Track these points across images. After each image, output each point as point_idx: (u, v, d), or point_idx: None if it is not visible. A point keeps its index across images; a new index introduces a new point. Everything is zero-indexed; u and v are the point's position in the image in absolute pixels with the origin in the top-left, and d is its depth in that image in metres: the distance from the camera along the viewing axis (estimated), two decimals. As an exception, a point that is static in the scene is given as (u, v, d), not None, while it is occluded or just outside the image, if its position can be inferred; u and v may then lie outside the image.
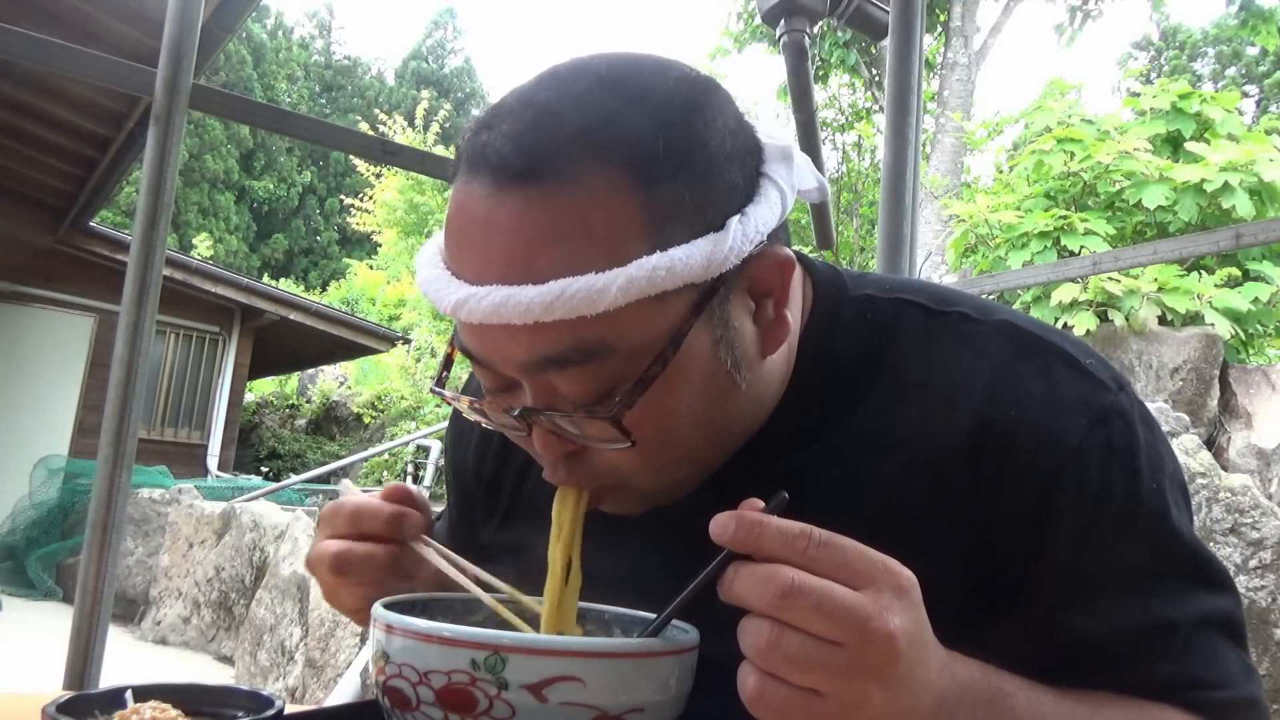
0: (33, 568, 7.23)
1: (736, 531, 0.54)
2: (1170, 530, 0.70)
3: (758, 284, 0.68)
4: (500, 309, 0.60)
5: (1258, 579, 3.10)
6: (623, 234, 0.61)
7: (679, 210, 0.62)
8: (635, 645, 0.59)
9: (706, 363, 0.66)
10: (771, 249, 0.67)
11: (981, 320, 0.75)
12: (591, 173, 0.60)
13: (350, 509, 0.74)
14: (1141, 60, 25.44)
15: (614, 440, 0.65)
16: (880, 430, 0.73)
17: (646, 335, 0.62)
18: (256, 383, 14.54)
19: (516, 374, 0.65)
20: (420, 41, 39.47)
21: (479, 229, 0.63)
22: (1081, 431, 0.69)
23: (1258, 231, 2.91)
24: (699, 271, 0.61)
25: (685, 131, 0.63)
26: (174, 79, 2.25)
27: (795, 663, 0.51)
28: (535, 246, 0.60)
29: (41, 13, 4.61)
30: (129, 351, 2.16)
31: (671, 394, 0.65)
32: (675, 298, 0.62)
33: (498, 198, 0.62)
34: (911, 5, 2.74)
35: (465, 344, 0.68)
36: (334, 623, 4.33)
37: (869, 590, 0.53)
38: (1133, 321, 5.39)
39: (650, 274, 0.59)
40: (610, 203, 0.61)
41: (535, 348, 0.62)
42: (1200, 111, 6.72)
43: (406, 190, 12.92)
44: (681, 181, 0.62)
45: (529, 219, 0.61)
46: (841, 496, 0.72)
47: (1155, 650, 0.68)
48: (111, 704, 0.64)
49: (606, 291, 0.59)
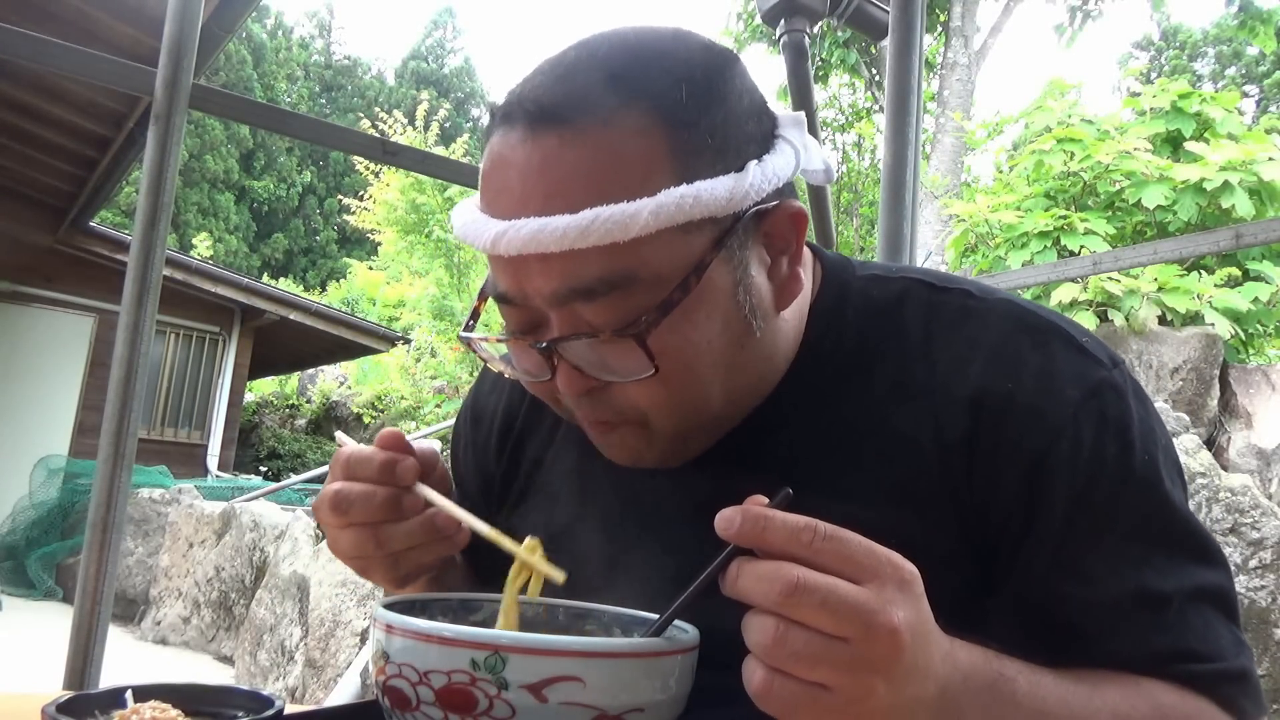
0: (33, 568, 7.22)
1: (742, 526, 0.54)
2: (1163, 500, 0.72)
3: (773, 238, 0.73)
4: (538, 235, 0.64)
5: (1258, 579, 3.10)
6: (651, 168, 0.65)
7: (702, 151, 0.67)
8: (635, 645, 0.59)
9: (726, 300, 0.69)
10: (786, 202, 0.72)
11: (983, 298, 0.79)
12: (620, 114, 0.66)
13: (345, 456, 0.75)
14: (1141, 60, 25.43)
15: (638, 371, 0.67)
16: (887, 399, 0.75)
17: (671, 265, 0.66)
18: (256, 383, 14.54)
19: (546, 306, 0.68)
20: (420, 41, 39.47)
21: (515, 170, 0.67)
22: (1075, 403, 0.71)
23: (1258, 231, 2.91)
24: (722, 205, 0.66)
25: (705, 85, 0.69)
26: (174, 79, 2.25)
27: (801, 659, 0.52)
28: (569, 180, 0.65)
29: (41, 13, 4.60)
30: (129, 351, 2.15)
31: (693, 326, 0.68)
32: (698, 232, 0.67)
33: (532, 140, 0.66)
34: (911, 5, 2.74)
35: (498, 284, 0.71)
36: (334, 623, 4.33)
37: (873, 584, 0.53)
38: (1133, 321, 5.39)
39: (678, 202, 0.64)
40: (639, 140, 0.65)
41: (567, 277, 0.66)
42: (1200, 111, 6.71)
43: (408, 190, 12.90)
44: (703, 126, 0.67)
45: (563, 155, 0.65)
46: (850, 464, 0.75)
47: (1148, 621, 0.69)
48: (111, 704, 0.64)
49: (638, 217, 0.63)
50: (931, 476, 0.73)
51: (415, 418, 12.12)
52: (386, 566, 0.76)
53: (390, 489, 0.73)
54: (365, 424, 13.39)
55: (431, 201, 12.92)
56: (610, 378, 0.70)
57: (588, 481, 0.86)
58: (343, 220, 20.96)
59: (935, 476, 0.73)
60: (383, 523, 0.73)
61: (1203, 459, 3.35)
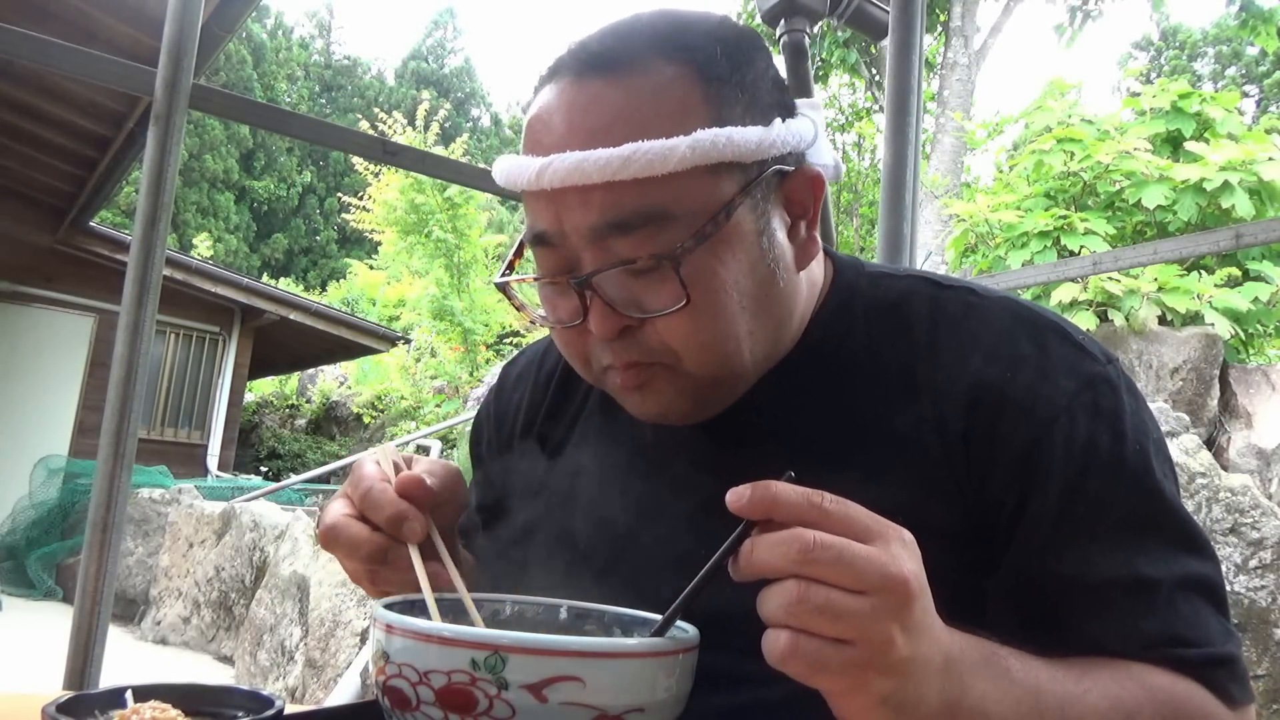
0: (33, 568, 7.22)
1: (752, 497, 0.56)
2: (1154, 489, 0.74)
3: (792, 200, 0.78)
4: (581, 165, 0.69)
5: (1258, 579, 3.10)
6: (688, 112, 0.71)
7: (734, 103, 0.73)
8: (635, 645, 0.59)
9: (752, 244, 0.75)
10: (805, 166, 0.78)
11: (984, 296, 0.83)
12: (660, 66, 0.72)
13: (365, 489, 0.74)
14: (1141, 60, 25.44)
15: (670, 303, 0.71)
16: (893, 386, 0.79)
17: (702, 203, 0.71)
18: (256, 383, 14.54)
19: (582, 243, 0.73)
20: (420, 41, 39.48)
21: (560, 111, 0.73)
22: (1070, 393, 0.75)
23: (1258, 231, 2.91)
24: (751, 151, 0.72)
25: (735, 51, 0.76)
26: (174, 79, 2.25)
27: (824, 613, 0.54)
28: (611, 119, 0.71)
29: (41, 13, 4.61)
30: (129, 351, 2.15)
31: (721, 262, 0.73)
32: (727, 176, 0.72)
33: (579, 84, 0.73)
34: (911, 5, 2.74)
35: (535, 225, 0.75)
36: (334, 623, 4.33)
37: (879, 542, 0.56)
38: (1133, 321, 5.39)
39: (713, 140, 0.70)
40: (677, 87, 0.72)
41: (605, 210, 0.71)
42: (1200, 111, 6.71)
43: (407, 190, 12.90)
44: (734, 82, 0.74)
45: (606, 98, 0.72)
46: (858, 447, 0.78)
47: (1138, 606, 0.71)
48: (111, 704, 0.64)
49: (675, 151, 0.69)
50: (935, 461, 0.76)
51: (415, 418, 12.12)
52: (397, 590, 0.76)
53: (381, 540, 0.73)
54: (365, 424, 13.39)
55: (431, 201, 12.92)
56: (642, 314, 0.73)
57: (606, 464, 0.89)
58: (343, 220, 20.96)
59: (938, 461, 0.76)
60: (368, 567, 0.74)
61: (1203, 459, 3.35)
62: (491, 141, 37.06)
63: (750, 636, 0.57)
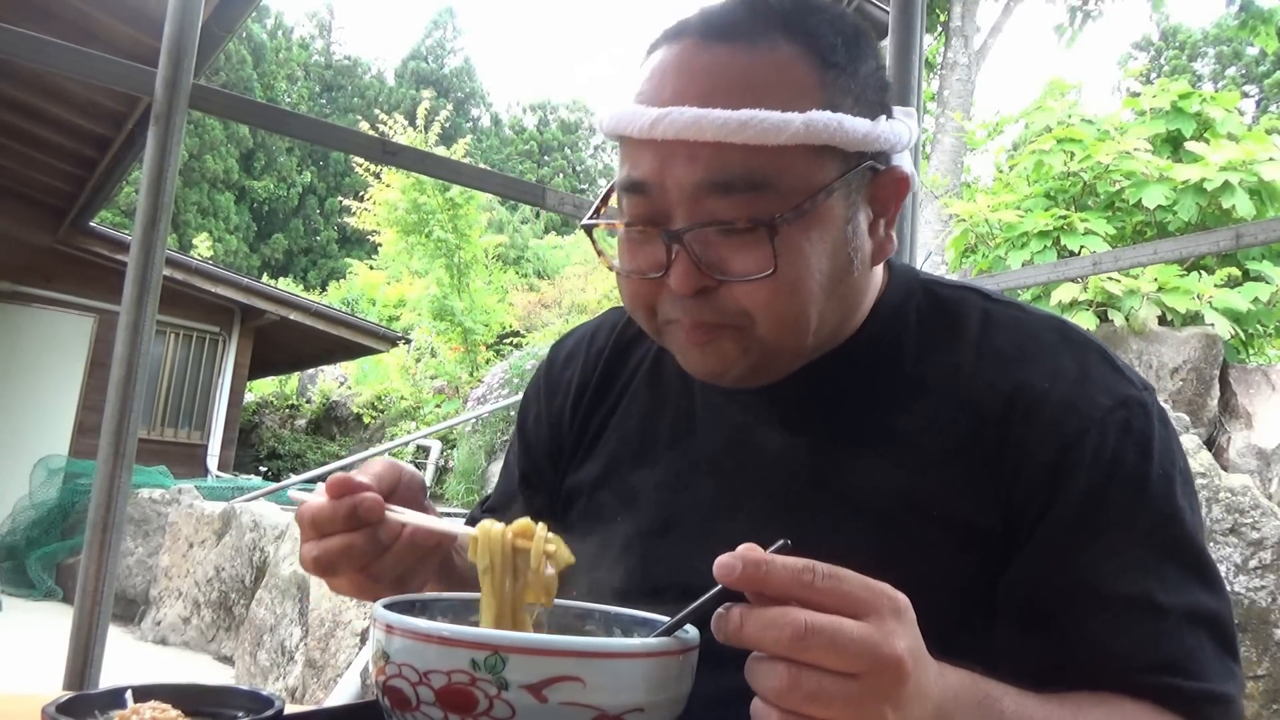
0: (33, 568, 7.22)
1: (744, 571, 0.55)
2: (1174, 514, 0.75)
3: (878, 196, 0.80)
4: (698, 121, 0.71)
5: (1258, 579, 3.10)
6: (805, 93, 0.74)
7: (846, 93, 0.76)
8: (635, 645, 0.59)
9: (839, 230, 0.77)
10: (895, 167, 0.80)
11: (1032, 312, 0.86)
12: (784, 44, 0.75)
13: (308, 517, 0.74)
14: (1141, 60, 25.43)
15: (756, 269, 0.73)
16: (940, 380, 0.82)
17: (802, 180, 0.73)
18: (256, 383, 14.53)
19: (681, 199, 0.74)
20: (420, 41, 39.48)
21: (683, 69, 0.75)
22: (1104, 409, 0.77)
23: (1258, 231, 2.91)
24: (855, 141, 0.74)
25: (853, 44, 0.79)
26: (174, 79, 2.25)
27: (816, 699, 0.53)
28: (733, 83, 0.73)
29: (41, 13, 4.60)
30: (129, 351, 2.15)
31: (810, 240, 0.75)
32: (829, 159, 0.75)
33: (703, 47, 0.75)
34: (911, 5, 2.74)
35: (634, 172, 0.76)
36: (334, 623, 4.33)
37: (873, 618, 0.55)
38: (1133, 321, 5.39)
39: (825, 123, 0.72)
40: (797, 67, 0.74)
41: (712, 169, 0.72)
42: (1200, 111, 6.71)
43: (409, 190, 12.90)
44: (848, 74, 0.77)
45: (730, 64, 0.74)
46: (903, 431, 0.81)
47: (1145, 628, 0.71)
48: (111, 704, 0.64)
49: (790, 125, 0.71)
50: (971, 460, 0.78)
51: (415, 418, 12.12)
52: (395, 589, 0.76)
53: (364, 533, 0.73)
54: (365, 424, 13.39)
55: (432, 201, 12.92)
56: (725, 276, 0.75)
57: (648, 436, 0.93)
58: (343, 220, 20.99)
59: (975, 460, 0.78)
60: (370, 563, 0.74)
61: (1203, 459, 3.35)
62: (491, 141, 37.06)
63: None
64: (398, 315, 16.89)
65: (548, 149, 41.01)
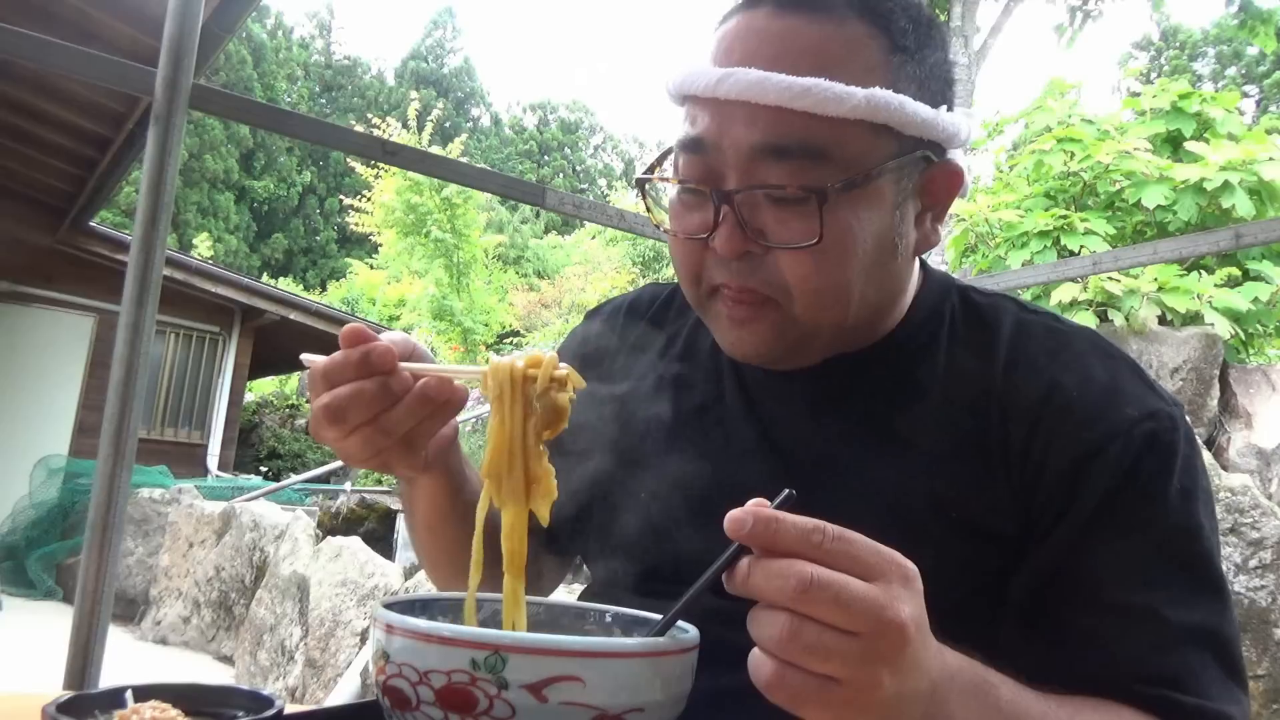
0: (33, 568, 7.22)
1: (754, 527, 0.55)
2: (1190, 531, 0.74)
3: (929, 188, 0.80)
4: (762, 83, 0.72)
5: (1258, 579, 3.10)
6: (871, 71, 0.75)
7: (911, 79, 0.77)
8: (635, 645, 0.59)
9: (887, 212, 0.77)
10: (949, 161, 0.80)
11: (1066, 324, 0.87)
12: (856, 21, 0.76)
13: (320, 370, 0.74)
14: (1141, 60, 25.43)
15: (802, 238, 0.74)
16: (970, 381, 0.82)
17: (858, 155, 0.74)
18: (256, 383, 14.53)
19: (736, 161, 0.75)
20: (420, 41, 39.49)
21: (754, 34, 0.76)
22: (1131, 420, 0.77)
23: (1258, 231, 2.91)
24: (915, 126, 0.75)
25: (926, 33, 0.80)
26: (174, 79, 2.25)
27: (814, 652, 0.53)
28: (800, 51, 0.74)
29: (41, 13, 4.60)
30: (129, 351, 2.15)
31: (858, 219, 0.75)
32: (886, 139, 0.75)
33: (776, 16, 0.76)
34: (911, 5, 2.73)
35: (693, 129, 0.77)
36: (334, 623, 4.33)
37: (880, 582, 0.55)
38: (1133, 321, 5.38)
39: (887, 101, 0.72)
40: (867, 45, 0.75)
41: (770, 132, 0.73)
42: (1200, 111, 6.71)
43: (405, 191, 12.89)
44: (916, 59, 0.78)
45: (800, 33, 0.75)
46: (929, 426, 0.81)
47: (1149, 640, 0.71)
48: (111, 704, 0.64)
49: (851, 97, 0.71)
50: (994, 462, 0.79)
51: (415, 418, 12.10)
52: (403, 453, 0.76)
53: (376, 379, 0.72)
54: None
55: (429, 202, 12.91)
56: (770, 243, 0.75)
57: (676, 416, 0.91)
58: (343, 220, 20.98)
59: (997, 463, 0.79)
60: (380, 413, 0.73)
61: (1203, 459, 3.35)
62: (491, 141, 37.05)
63: None
64: (398, 315, 16.90)
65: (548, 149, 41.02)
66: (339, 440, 0.75)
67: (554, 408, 0.68)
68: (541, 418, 0.68)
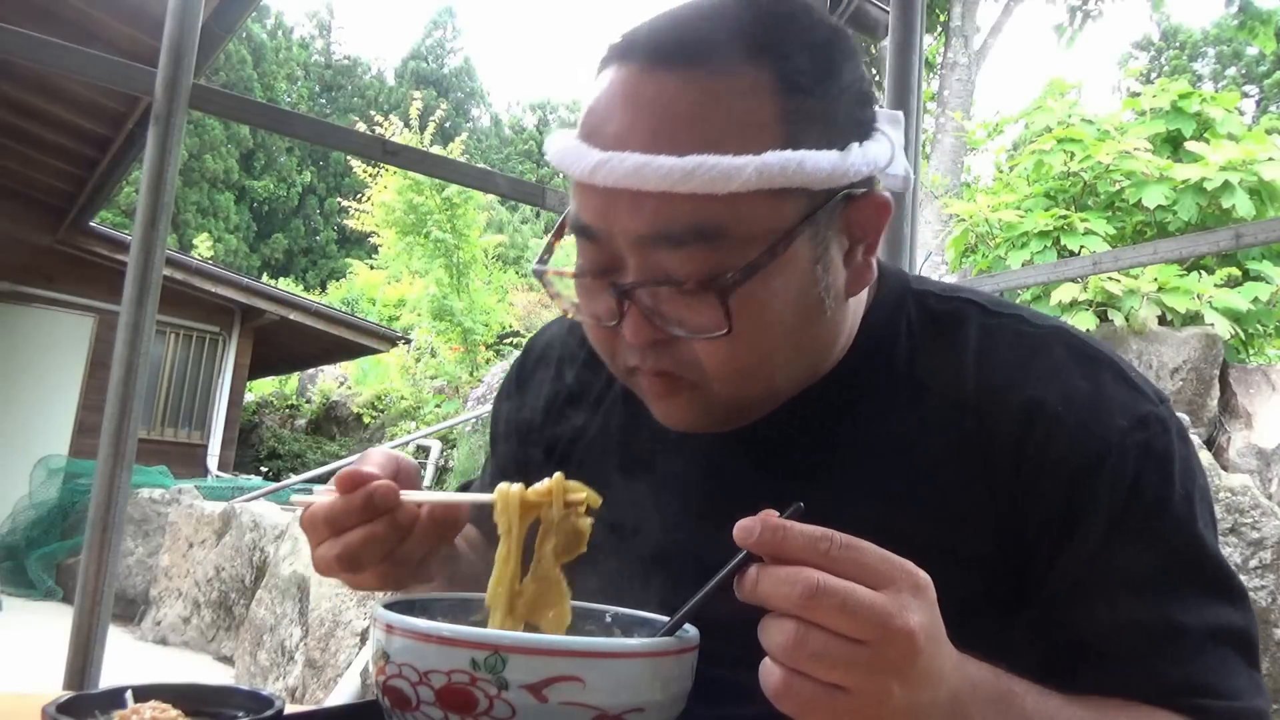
0: (33, 568, 7.22)
1: (762, 534, 0.55)
2: (1194, 538, 0.72)
3: (855, 224, 0.73)
4: (640, 171, 0.64)
5: (1258, 579, 3.10)
6: (762, 128, 0.66)
7: (812, 123, 0.68)
8: (635, 645, 0.59)
9: (805, 274, 0.71)
10: (875, 191, 0.73)
11: (1037, 325, 0.80)
12: (741, 68, 0.67)
13: (323, 516, 0.72)
14: (1141, 60, 25.43)
15: (711, 328, 0.68)
16: (935, 410, 0.76)
17: (761, 227, 0.67)
18: (256, 383, 14.53)
19: (629, 248, 0.68)
20: (420, 41, 39.48)
21: (627, 102, 0.68)
22: (1122, 430, 0.72)
23: (1258, 231, 2.91)
24: (821, 179, 0.67)
25: (827, 57, 0.71)
26: (174, 79, 2.25)
27: (820, 660, 0.53)
28: (680, 122, 0.66)
29: (41, 13, 4.60)
30: (129, 351, 2.15)
31: (771, 292, 0.69)
32: (792, 200, 0.67)
33: (649, 74, 0.67)
34: (911, 5, 2.74)
35: (582, 216, 0.70)
36: (334, 623, 4.33)
37: (889, 590, 0.54)
38: (1133, 321, 5.39)
39: (783, 164, 0.65)
40: (754, 100, 0.66)
41: (658, 220, 0.66)
42: (1200, 111, 6.71)
43: (405, 191, 12.89)
44: (817, 98, 0.69)
45: (678, 96, 0.66)
46: (890, 469, 0.76)
47: (1166, 652, 0.69)
48: (111, 704, 0.64)
49: (742, 172, 0.64)
50: (973, 489, 0.74)
51: (415, 418, 12.11)
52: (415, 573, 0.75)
53: (383, 520, 0.71)
54: (365, 424, 13.38)
55: (429, 202, 12.91)
56: (680, 332, 0.70)
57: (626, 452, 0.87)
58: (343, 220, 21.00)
59: (977, 489, 0.74)
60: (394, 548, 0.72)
61: (1203, 459, 3.35)
62: (491, 141, 37.06)
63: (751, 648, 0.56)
64: (398, 315, 16.89)
65: (548, 149, 40.89)
66: (353, 579, 0.74)
67: (573, 532, 0.68)
68: (561, 543, 0.68)
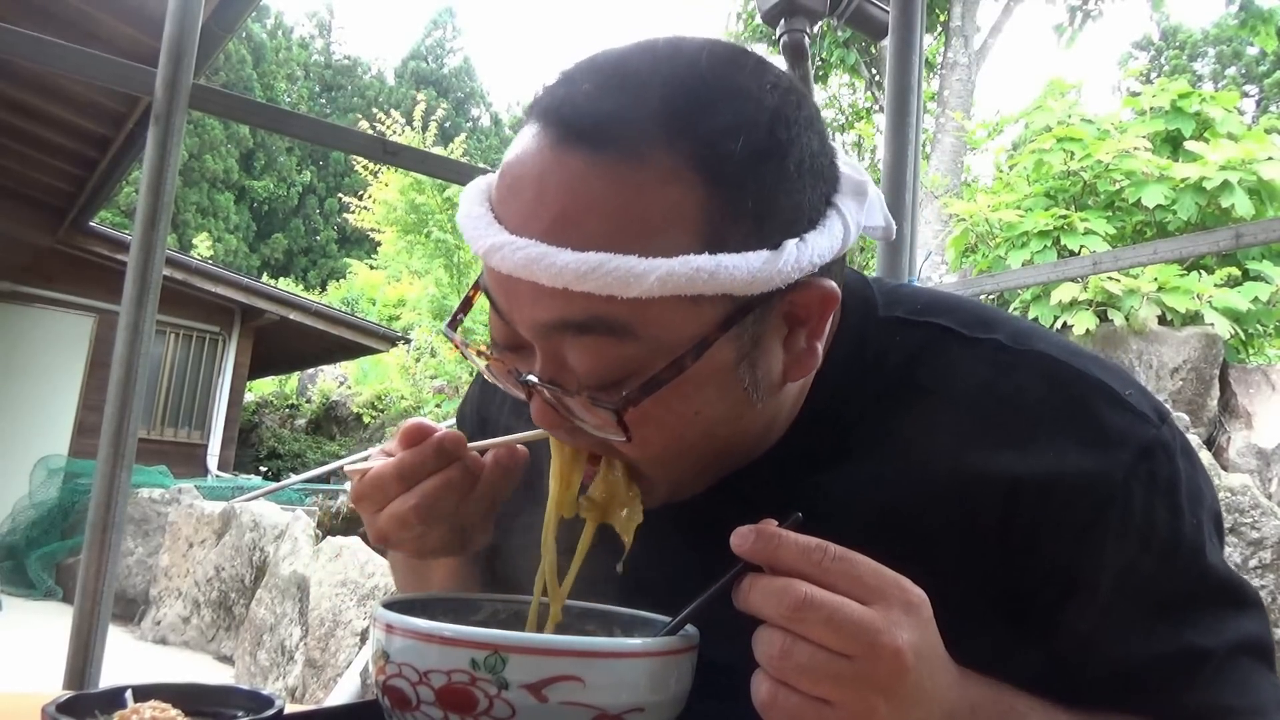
0: (33, 568, 7.22)
1: (755, 544, 0.56)
2: (1207, 565, 0.71)
3: (796, 312, 0.65)
4: (533, 265, 0.58)
5: (1258, 579, 3.10)
6: (676, 225, 0.58)
7: (739, 218, 0.60)
8: (635, 645, 0.59)
9: (725, 377, 0.63)
10: (818, 280, 0.64)
11: (1017, 350, 0.72)
12: (661, 155, 0.58)
13: (394, 472, 0.70)
14: (1141, 60, 25.43)
15: (612, 432, 0.63)
16: (907, 455, 0.70)
17: (671, 334, 0.60)
18: (256, 383, 14.54)
19: (531, 334, 0.63)
20: (420, 41, 39.46)
21: (533, 180, 0.61)
22: (1126, 466, 0.67)
23: (1258, 231, 2.91)
24: (742, 285, 0.59)
25: (767, 139, 0.61)
26: (174, 79, 2.25)
27: (806, 673, 0.53)
28: (584, 212, 0.58)
29: (41, 13, 4.60)
30: (129, 351, 2.15)
31: (681, 400, 0.62)
32: (710, 305, 0.60)
33: (560, 153, 0.59)
34: (911, 5, 2.74)
35: (490, 290, 0.65)
36: (334, 623, 4.33)
37: (879, 605, 0.54)
38: (1133, 321, 5.39)
39: (693, 274, 0.57)
40: (672, 191, 0.58)
41: (557, 312, 0.60)
42: (1200, 111, 6.72)
43: (407, 190, 12.91)
44: (749, 189, 0.60)
45: (586, 183, 0.58)
46: (859, 517, 0.69)
47: (1186, 679, 0.68)
48: (111, 704, 0.64)
49: (644, 279, 0.56)
50: (950, 556, 0.68)
51: (415, 417, 12.12)
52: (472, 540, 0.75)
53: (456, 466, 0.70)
54: (365, 424, 13.39)
55: (431, 202, 12.93)
56: (584, 427, 0.65)
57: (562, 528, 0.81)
58: (343, 220, 21.00)
59: (955, 555, 0.68)
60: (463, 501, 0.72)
61: (1203, 459, 3.35)
62: (491, 141, 37.05)
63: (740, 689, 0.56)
64: (398, 315, 16.89)
65: (548, 149, 40.87)
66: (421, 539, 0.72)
67: None
68: None
